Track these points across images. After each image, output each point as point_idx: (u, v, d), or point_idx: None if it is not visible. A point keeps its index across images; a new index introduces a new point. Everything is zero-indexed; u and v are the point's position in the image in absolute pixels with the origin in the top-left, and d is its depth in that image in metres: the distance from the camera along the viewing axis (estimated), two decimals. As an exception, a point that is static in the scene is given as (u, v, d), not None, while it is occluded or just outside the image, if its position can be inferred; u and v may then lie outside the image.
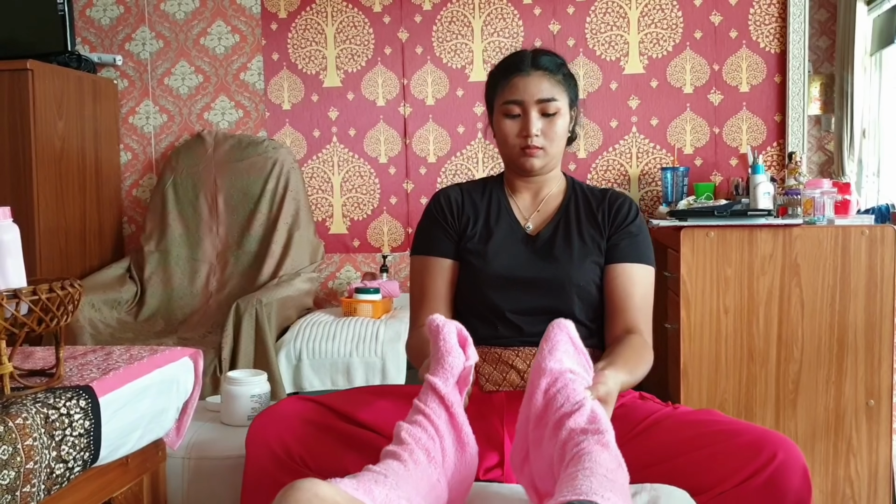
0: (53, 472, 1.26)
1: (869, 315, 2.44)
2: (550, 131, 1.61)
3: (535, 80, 1.60)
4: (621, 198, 1.68)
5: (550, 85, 1.60)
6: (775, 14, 3.21)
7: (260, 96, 3.51)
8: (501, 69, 1.67)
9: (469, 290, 1.64)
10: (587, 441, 1.13)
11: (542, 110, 1.60)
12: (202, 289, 3.29)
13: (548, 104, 1.59)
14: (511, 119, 1.62)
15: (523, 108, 1.60)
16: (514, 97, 1.61)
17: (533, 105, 1.59)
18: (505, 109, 1.62)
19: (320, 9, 3.45)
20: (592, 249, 1.62)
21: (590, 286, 1.60)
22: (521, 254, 1.63)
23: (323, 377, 2.75)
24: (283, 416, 1.43)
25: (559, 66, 1.64)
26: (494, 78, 1.68)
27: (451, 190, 1.73)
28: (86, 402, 1.34)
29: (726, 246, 2.48)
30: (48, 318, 1.30)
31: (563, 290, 1.57)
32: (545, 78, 1.61)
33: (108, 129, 3.48)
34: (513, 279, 1.59)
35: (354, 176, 3.49)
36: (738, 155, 3.26)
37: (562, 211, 1.67)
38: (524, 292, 1.58)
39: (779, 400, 2.48)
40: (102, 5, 3.57)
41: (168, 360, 1.64)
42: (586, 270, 1.60)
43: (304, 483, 1.03)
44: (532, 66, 1.61)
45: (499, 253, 1.62)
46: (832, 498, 2.47)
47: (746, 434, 1.32)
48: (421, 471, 1.16)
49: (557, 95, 1.61)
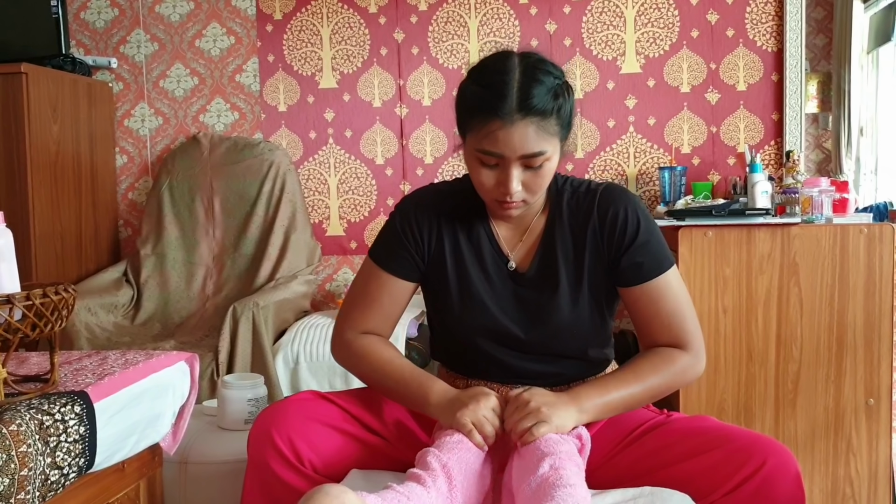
0: (48, 479, 1.25)
1: (868, 314, 2.43)
2: (535, 183, 1.34)
3: (519, 131, 1.27)
4: (613, 205, 1.42)
5: (539, 135, 1.28)
6: (772, 12, 3.20)
7: (255, 98, 3.50)
8: (477, 101, 1.31)
9: (446, 334, 1.53)
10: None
11: (527, 164, 1.31)
12: (199, 292, 3.28)
13: (533, 158, 1.30)
14: (487, 168, 1.34)
15: (503, 161, 1.31)
16: (492, 150, 1.30)
17: (515, 160, 1.30)
18: (479, 156, 1.33)
19: (315, 10, 3.44)
20: (588, 278, 1.43)
21: (585, 325, 1.45)
22: (504, 301, 1.44)
23: (321, 380, 2.74)
24: (290, 412, 1.39)
25: (553, 103, 1.29)
26: (467, 107, 1.35)
27: (426, 207, 1.49)
28: (81, 408, 1.33)
29: (724, 245, 2.48)
30: (42, 323, 1.29)
31: (552, 349, 1.45)
32: (532, 125, 1.27)
33: (103, 132, 3.47)
34: (497, 333, 1.44)
35: (351, 177, 3.48)
36: (736, 154, 3.25)
37: (545, 239, 1.45)
38: (511, 348, 1.45)
39: (778, 400, 2.47)
40: (97, 8, 3.56)
41: (164, 365, 1.63)
42: (580, 310, 1.43)
43: (331, 489, 1.03)
44: (518, 111, 1.27)
45: (479, 301, 1.44)
46: (832, 497, 2.47)
47: (737, 440, 1.29)
48: (442, 499, 1.17)
49: (547, 145, 1.30)
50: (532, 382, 1.44)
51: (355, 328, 1.49)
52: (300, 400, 1.43)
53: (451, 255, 1.47)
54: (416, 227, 1.48)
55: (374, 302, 1.49)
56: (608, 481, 1.36)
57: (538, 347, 1.44)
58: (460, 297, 1.46)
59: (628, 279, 1.42)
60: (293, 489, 1.31)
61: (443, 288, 1.48)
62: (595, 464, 1.36)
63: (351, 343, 1.48)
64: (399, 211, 1.52)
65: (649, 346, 1.45)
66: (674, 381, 1.41)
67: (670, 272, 1.42)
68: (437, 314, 1.54)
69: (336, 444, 1.40)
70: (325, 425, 1.39)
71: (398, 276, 1.48)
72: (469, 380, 1.51)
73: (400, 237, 1.48)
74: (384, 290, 1.49)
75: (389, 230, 1.51)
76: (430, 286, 1.52)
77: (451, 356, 1.56)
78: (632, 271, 1.41)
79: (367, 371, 1.46)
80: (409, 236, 1.48)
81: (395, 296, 1.49)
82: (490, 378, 1.49)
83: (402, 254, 1.48)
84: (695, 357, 1.42)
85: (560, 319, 1.42)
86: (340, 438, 1.40)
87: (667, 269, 1.42)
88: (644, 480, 1.32)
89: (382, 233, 1.53)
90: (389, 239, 1.50)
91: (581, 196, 1.46)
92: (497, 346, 1.45)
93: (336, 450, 1.39)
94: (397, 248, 1.48)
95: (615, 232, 1.41)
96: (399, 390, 1.41)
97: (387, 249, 1.50)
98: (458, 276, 1.46)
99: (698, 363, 1.43)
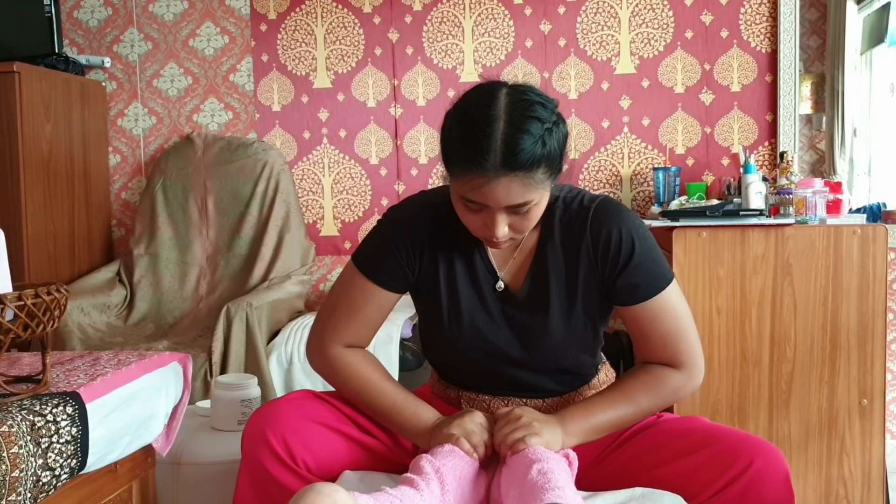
0: (40, 480, 1.24)
1: (861, 314, 2.44)
2: (523, 225, 1.29)
3: (503, 186, 1.21)
4: (606, 226, 1.36)
5: (525, 187, 1.22)
6: (766, 13, 3.21)
7: (249, 98, 3.50)
8: (460, 154, 1.24)
9: (433, 348, 1.52)
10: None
11: (513, 211, 1.26)
12: (192, 292, 3.27)
13: (520, 208, 1.25)
14: (472, 212, 1.29)
15: (487, 209, 1.27)
16: (476, 200, 1.25)
17: (500, 209, 1.25)
18: (463, 201, 1.28)
19: (310, 10, 3.43)
20: (581, 299, 1.39)
21: (578, 341, 1.42)
22: (494, 322, 1.41)
23: (315, 381, 2.73)
24: (284, 412, 1.38)
25: (541, 151, 1.21)
26: (449, 154, 1.29)
27: (420, 220, 1.44)
28: (73, 409, 1.33)
29: (718, 246, 2.48)
30: (34, 323, 1.28)
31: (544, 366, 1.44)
32: (517, 180, 1.21)
33: (96, 131, 3.46)
34: (487, 352, 1.42)
35: (345, 177, 3.48)
36: (730, 154, 3.26)
37: (537, 259, 1.41)
38: (503, 363, 1.43)
39: (772, 400, 2.47)
40: (90, 7, 3.55)
41: (156, 366, 1.63)
42: (573, 329, 1.40)
43: (324, 487, 1.03)
44: (502, 167, 1.20)
45: (474, 322, 1.41)
46: (826, 498, 2.47)
47: (725, 441, 1.29)
48: (434, 503, 1.17)
49: (533, 194, 1.24)
50: (525, 395, 1.45)
51: (337, 340, 1.45)
52: (295, 399, 1.43)
53: (444, 270, 1.43)
54: (409, 239, 1.42)
55: (357, 312, 1.44)
56: (598, 483, 1.36)
57: (530, 365, 1.43)
58: (449, 316, 1.43)
59: (624, 300, 1.38)
60: (287, 489, 1.30)
61: (433, 303, 1.44)
62: (586, 465, 1.36)
63: (335, 359, 1.44)
64: (391, 220, 1.46)
65: (645, 360, 1.43)
66: (665, 401, 1.40)
67: (668, 290, 1.37)
68: (427, 327, 1.51)
69: (330, 444, 1.39)
70: (319, 425, 1.39)
71: (385, 288, 1.43)
72: (461, 391, 1.51)
73: (391, 247, 1.42)
74: (370, 301, 1.43)
75: (379, 239, 1.45)
76: (419, 297, 1.48)
77: (442, 361, 1.55)
78: (627, 292, 1.37)
79: (353, 393, 1.43)
80: (401, 248, 1.42)
81: (380, 306, 1.45)
82: (482, 390, 1.48)
83: (392, 266, 1.42)
84: (689, 376, 1.40)
85: (552, 340, 1.40)
86: (335, 438, 1.40)
87: (663, 287, 1.37)
88: (634, 481, 1.32)
89: (370, 241, 1.47)
90: (379, 248, 1.44)
91: (573, 214, 1.39)
92: (487, 359, 1.43)
93: (330, 450, 1.39)
94: (387, 259, 1.42)
95: (609, 253, 1.35)
96: (388, 416, 1.41)
97: (375, 259, 1.44)
98: (448, 293, 1.43)
99: (691, 381, 1.40)
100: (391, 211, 1.48)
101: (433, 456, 1.26)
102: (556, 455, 1.27)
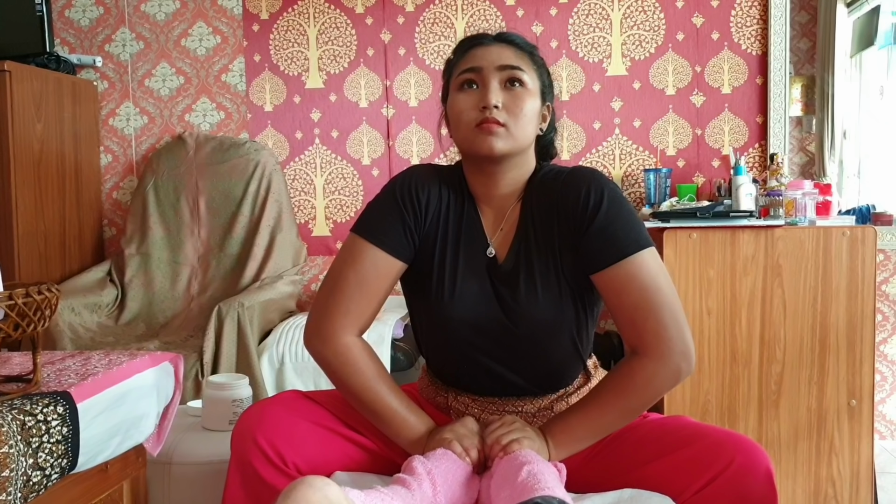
0: (30, 480, 1.24)
1: (850, 315, 2.45)
2: (514, 106, 1.34)
3: (496, 48, 1.38)
4: (576, 186, 1.35)
5: (515, 55, 1.38)
6: (756, 16, 3.22)
7: (241, 98, 3.49)
8: (459, 45, 1.44)
9: (428, 326, 1.48)
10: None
11: (506, 78, 1.35)
12: (184, 292, 3.26)
13: (512, 71, 1.35)
14: (466, 93, 1.37)
15: (481, 78, 1.35)
16: (471, 64, 1.37)
17: (493, 72, 1.35)
18: (461, 80, 1.38)
19: (302, 10, 3.43)
20: (563, 268, 1.36)
21: (566, 317, 1.39)
22: (484, 294, 1.39)
23: (306, 381, 2.73)
24: (273, 412, 1.38)
25: (529, 46, 1.42)
26: (450, 62, 1.45)
27: (427, 178, 1.44)
28: (63, 409, 1.32)
29: (709, 247, 2.49)
30: (25, 323, 1.28)
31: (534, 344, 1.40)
32: (509, 49, 1.38)
33: (87, 131, 3.45)
34: (475, 328, 1.39)
35: (337, 178, 3.48)
36: (721, 156, 3.27)
37: (520, 229, 1.40)
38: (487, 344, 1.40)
39: (761, 401, 2.49)
40: (81, 6, 3.54)
41: (148, 365, 1.62)
42: (557, 303, 1.37)
43: (315, 481, 1.02)
44: (496, 40, 1.41)
45: (463, 292, 1.39)
46: (815, 498, 2.48)
47: (707, 438, 1.28)
48: (426, 503, 1.17)
49: (524, 66, 1.37)
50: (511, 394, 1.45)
51: (344, 320, 1.38)
52: (284, 399, 1.42)
53: (441, 234, 1.42)
54: (416, 196, 1.41)
55: (363, 284, 1.37)
56: (585, 484, 1.36)
57: (516, 345, 1.40)
58: (440, 284, 1.40)
59: (592, 265, 1.32)
60: (276, 489, 1.30)
61: (428, 271, 1.42)
62: (573, 467, 1.36)
63: (344, 352, 1.38)
64: (398, 183, 1.43)
65: (627, 347, 1.38)
66: (645, 396, 1.33)
67: (640, 258, 1.30)
68: (418, 303, 1.48)
69: (320, 445, 1.39)
70: (308, 426, 1.39)
71: (390, 253, 1.38)
72: (448, 391, 1.50)
73: (399, 207, 1.40)
74: (375, 269, 1.38)
75: (385, 201, 1.42)
76: (413, 269, 1.44)
77: (432, 345, 1.52)
78: (593, 254, 1.32)
79: (354, 390, 1.40)
80: (409, 206, 1.40)
81: (386, 275, 1.39)
82: (473, 390, 1.47)
83: (398, 227, 1.39)
84: (659, 362, 1.30)
85: (538, 312, 1.37)
86: (324, 439, 1.40)
87: (632, 252, 1.30)
88: (619, 481, 1.32)
89: (373, 207, 1.43)
90: (384, 210, 1.41)
91: (550, 182, 1.40)
92: (476, 337, 1.40)
93: (320, 450, 1.39)
94: (393, 221, 1.39)
95: (577, 212, 1.33)
96: (384, 420, 1.40)
97: (379, 222, 1.40)
98: (440, 260, 1.41)
99: (665, 367, 1.30)
100: (397, 176, 1.46)
101: (426, 458, 1.26)
102: (545, 460, 1.28)
